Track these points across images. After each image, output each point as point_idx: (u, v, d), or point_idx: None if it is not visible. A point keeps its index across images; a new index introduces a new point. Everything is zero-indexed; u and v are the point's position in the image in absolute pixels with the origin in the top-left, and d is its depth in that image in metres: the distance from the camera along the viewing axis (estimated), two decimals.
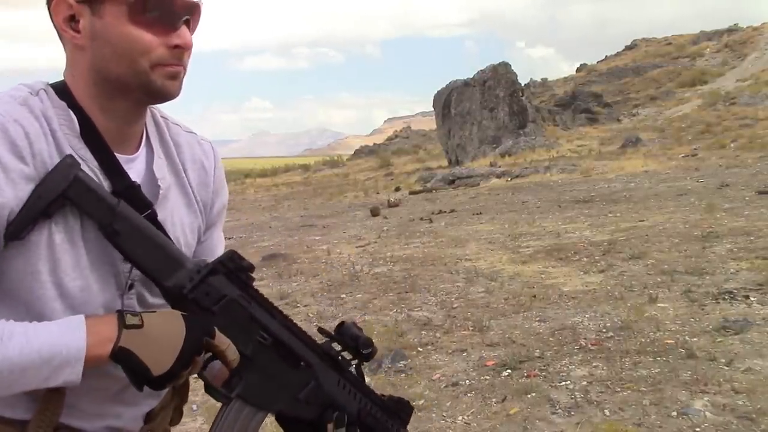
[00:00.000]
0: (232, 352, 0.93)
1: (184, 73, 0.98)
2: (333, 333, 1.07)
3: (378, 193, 19.08)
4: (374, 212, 13.12)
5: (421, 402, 3.66)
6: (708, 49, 38.32)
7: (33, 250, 0.89)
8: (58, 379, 0.84)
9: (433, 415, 3.51)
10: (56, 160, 0.90)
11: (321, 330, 1.08)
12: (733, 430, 2.97)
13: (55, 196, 0.89)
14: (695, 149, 18.26)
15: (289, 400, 1.01)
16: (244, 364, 0.96)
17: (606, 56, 48.19)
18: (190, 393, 1.17)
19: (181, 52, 0.95)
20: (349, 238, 10.15)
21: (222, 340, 0.93)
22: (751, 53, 33.78)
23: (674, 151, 18.63)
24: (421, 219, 11.53)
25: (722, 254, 6.19)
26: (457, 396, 3.73)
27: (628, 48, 48.02)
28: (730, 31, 40.21)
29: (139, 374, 0.87)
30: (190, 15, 0.96)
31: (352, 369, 1.10)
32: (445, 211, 12.26)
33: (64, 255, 0.91)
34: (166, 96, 0.97)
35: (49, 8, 0.95)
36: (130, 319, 0.88)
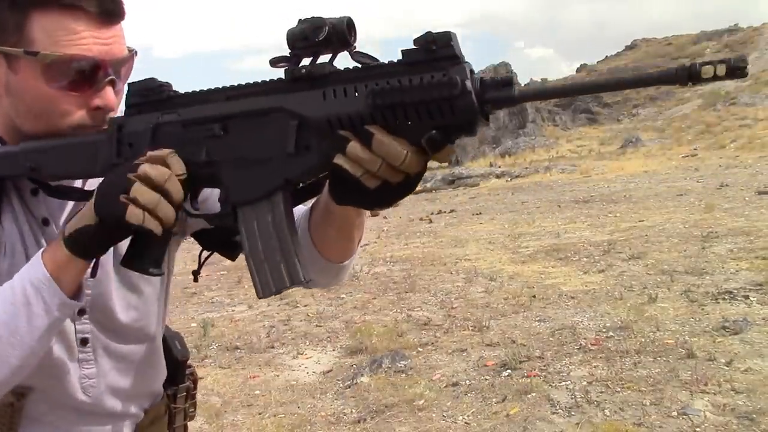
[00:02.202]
0: (176, 164, 0.79)
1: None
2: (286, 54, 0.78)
3: None
4: (374, 212, 13.12)
5: (421, 402, 3.66)
6: (708, 49, 38.34)
7: None
8: (50, 310, 0.80)
9: (434, 415, 3.51)
10: None
11: (273, 60, 0.78)
12: (733, 430, 2.97)
13: None
14: (695, 149, 18.27)
15: (283, 163, 0.79)
16: (213, 172, 0.82)
17: (606, 56, 48.18)
18: None
19: (103, 113, 0.88)
20: None
21: (159, 152, 0.79)
22: (751, 53, 33.82)
23: (674, 151, 18.65)
24: (421, 219, 11.53)
25: (722, 254, 6.19)
26: (457, 396, 3.73)
27: (628, 48, 48.04)
28: (730, 31, 40.23)
29: (96, 237, 0.80)
30: (117, 72, 0.88)
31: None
32: (445, 211, 12.27)
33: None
34: None
35: None
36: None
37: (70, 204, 0.94)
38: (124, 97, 0.89)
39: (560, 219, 9.69)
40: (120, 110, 0.92)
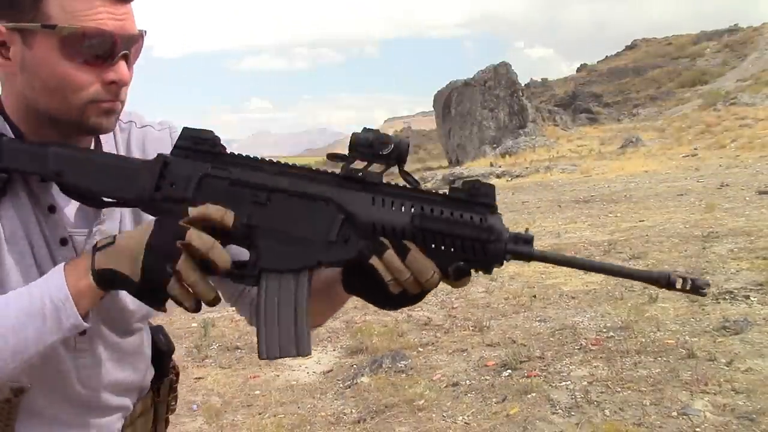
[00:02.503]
0: (215, 211, 0.82)
1: (122, 107, 0.93)
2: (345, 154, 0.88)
3: None
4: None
5: (422, 402, 3.66)
6: (708, 49, 38.35)
7: None
8: (62, 329, 0.81)
9: (434, 415, 3.51)
10: None
11: (330, 155, 0.90)
12: (733, 430, 2.97)
13: None
14: (695, 149, 18.28)
15: (321, 247, 0.85)
16: (251, 235, 0.85)
17: (606, 56, 48.20)
18: (189, 392, 1.17)
19: (117, 88, 0.89)
20: None
21: (199, 209, 0.82)
22: (751, 53, 33.81)
23: (674, 151, 18.65)
24: None
25: (722, 254, 6.19)
26: (457, 396, 3.73)
27: (628, 48, 48.06)
28: (730, 31, 40.24)
29: (129, 287, 0.83)
30: (129, 48, 0.89)
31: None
32: None
33: (10, 271, 0.89)
34: (98, 132, 0.93)
35: None
36: (102, 242, 0.83)
37: None
38: (176, 137, 0.91)
39: (561, 219, 9.69)
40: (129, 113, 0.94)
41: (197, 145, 0.88)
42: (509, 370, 3.97)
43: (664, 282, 0.80)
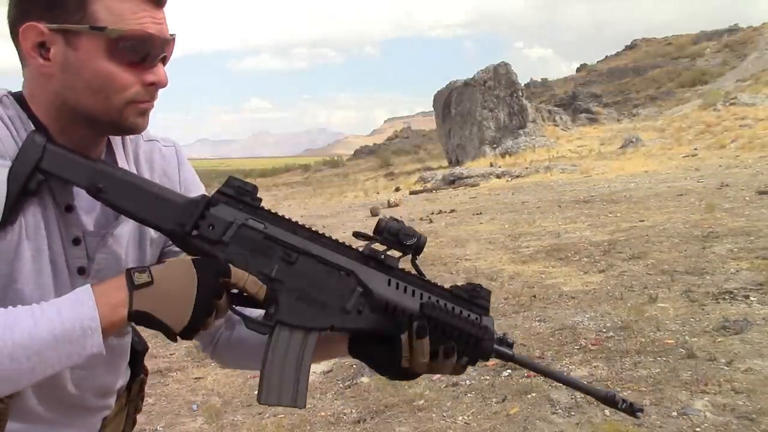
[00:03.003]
0: (252, 284, 0.89)
1: (152, 108, 0.96)
2: (371, 234, 0.98)
3: (378, 193, 19.09)
4: (374, 212, 13.13)
5: (421, 402, 3.66)
6: (708, 49, 38.35)
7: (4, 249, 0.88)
8: (81, 355, 0.82)
9: (434, 415, 3.51)
10: None
11: (357, 234, 0.99)
12: (733, 430, 2.96)
13: (30, 170, 0.87)
14: (695, 149, 18.28)
15: (336, 313, 0.94)
16: (275, 288, 0.91)
17: (606, 56, 48.20)
18: (189, 393, 1.18)
19: (155, 89, 0.93)
20: (349, 238, 10.14)
21: (239, 276, 0.88)
22: (751, 53, 33.80)
23: (674, 151, 18.65)
24: (421, 219, 11.53)
25: (722, 254, 6.19)
26: (457, 396, 3.73)
27: (628, 48, 48.05)
28: (730, 31, 40.24)
29: (162, 329, 0.85)
30: (166, 51, 0.93)
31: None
32: (445, 211, 12.27)
33: (26, 264, 0.89)
34: (133, 132, 0.96)
35: (13, 29, 0.89)
36: (139, 278, 0.84)
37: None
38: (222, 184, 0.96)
39: (561, 219, 9.69)
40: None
41: (240, 195, 0.93)
42: (509, 370, 3.97)
43: (610, 401, 0.98)
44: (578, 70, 46.80)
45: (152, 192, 0.92)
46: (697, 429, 3.01)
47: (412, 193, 17.44)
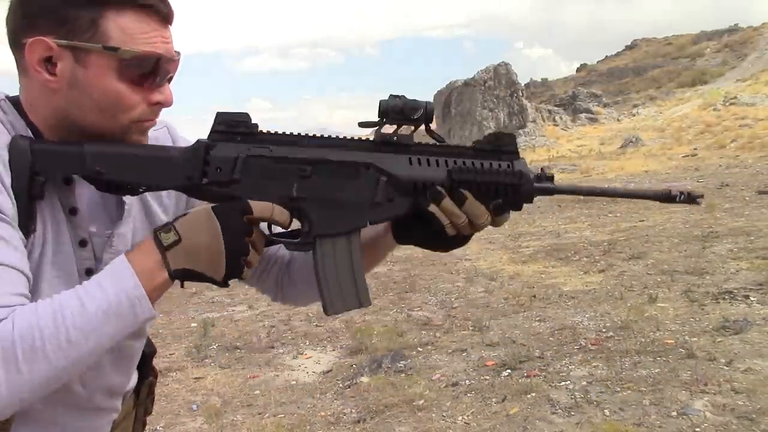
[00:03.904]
0: (279, 214, 0.89)
1: (154, 125, 0.96)
2: (376, 119, 0.95)
3: None
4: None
5: (421, 402, 3.66)
6: (708, 49, 38.34)
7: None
8: (136, 323, 0.83)
9: (433, 415, 3.51)
10: None
11: (362, 124, 0.97)
12: (733, 430, 2.96)
13: (28, 178, 0.86)
14: (695, 149, 18.28)
15: (368, 209, 0.93)
16: (300, 207, 0.92)
17: (606, 56, 48.20)
18: (189, 392, 1.17)
19: (159, 108, 0.93)
20: None
21: (262, 208, 0.88)
22: (751, 53, 33.80)
23: (674, 150, 18.65)
24: None
25: (722, 254, 6.19)
26: (457, 396, 3.73)
27: (628, 48, 48.04)
28: (730, 31, 40.22)
29: (205, 280, 0.86)
30: (173, 71, 0.93)
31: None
32: None
33: (47, 269, 0.90)
34: None
35: (16, 39, 0.88)
36: (166, 238, 0.84)
37: (95, 192, 0.95)
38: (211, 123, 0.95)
39: (560, 219, 9.69)
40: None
41: (233, 128, 0.91)
42: (509, 370, 3.97)
43: (666, 198, 0.96)
44: (578, 70, 46.80)
45: (149, 156, 0.91)
46: (697, 429, 3.01)
47: None
